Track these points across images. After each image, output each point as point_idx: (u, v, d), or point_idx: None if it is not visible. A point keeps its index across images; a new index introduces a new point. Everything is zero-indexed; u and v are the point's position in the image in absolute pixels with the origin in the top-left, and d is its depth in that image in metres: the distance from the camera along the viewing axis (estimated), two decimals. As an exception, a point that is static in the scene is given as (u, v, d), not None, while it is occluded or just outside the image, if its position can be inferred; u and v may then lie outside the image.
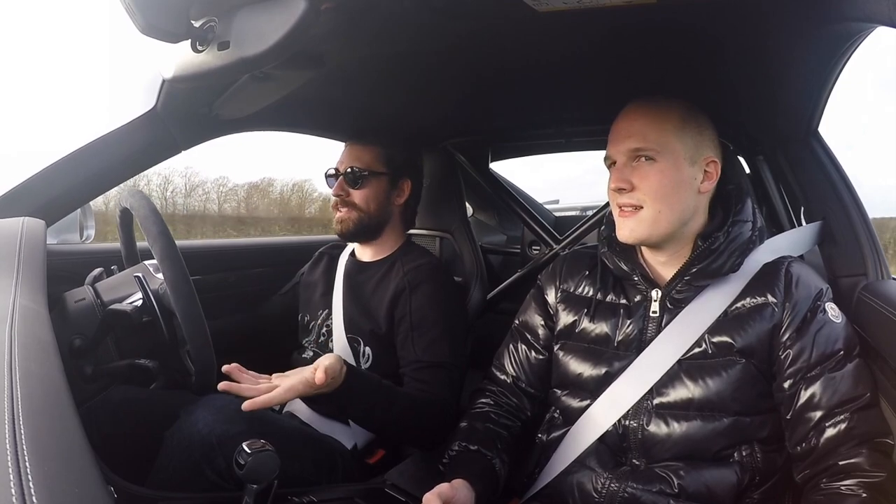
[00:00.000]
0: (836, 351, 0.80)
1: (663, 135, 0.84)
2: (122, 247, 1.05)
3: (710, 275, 0.86)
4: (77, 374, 0.87)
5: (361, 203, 1.22)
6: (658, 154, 0.84)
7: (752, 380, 0.82)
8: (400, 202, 1.26)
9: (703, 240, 0.86)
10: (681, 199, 0.85)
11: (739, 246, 0.86)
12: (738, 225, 0.87)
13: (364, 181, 1.22)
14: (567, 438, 0.91)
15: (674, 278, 0.88)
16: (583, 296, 0.96)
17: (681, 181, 0.85)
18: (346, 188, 1.22)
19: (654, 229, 0.85)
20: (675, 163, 0.84)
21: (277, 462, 0.65)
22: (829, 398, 0.78)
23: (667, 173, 0.84)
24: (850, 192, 1.04)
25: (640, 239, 0.87)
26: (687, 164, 0.85)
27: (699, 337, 0.84)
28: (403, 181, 1.26)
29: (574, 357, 0.93)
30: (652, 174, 0.84)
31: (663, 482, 0.82)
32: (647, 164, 0.84)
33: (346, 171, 1.22)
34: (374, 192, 1.22)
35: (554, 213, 2.07)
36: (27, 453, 0.36)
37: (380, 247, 1.28)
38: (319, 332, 1.26)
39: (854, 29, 0.77)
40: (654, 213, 0.84)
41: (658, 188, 0.84)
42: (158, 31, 0.73)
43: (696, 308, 0.86)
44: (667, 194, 0.84)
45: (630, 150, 0.85)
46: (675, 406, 0.83)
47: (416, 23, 0.79)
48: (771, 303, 0.83)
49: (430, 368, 1.12)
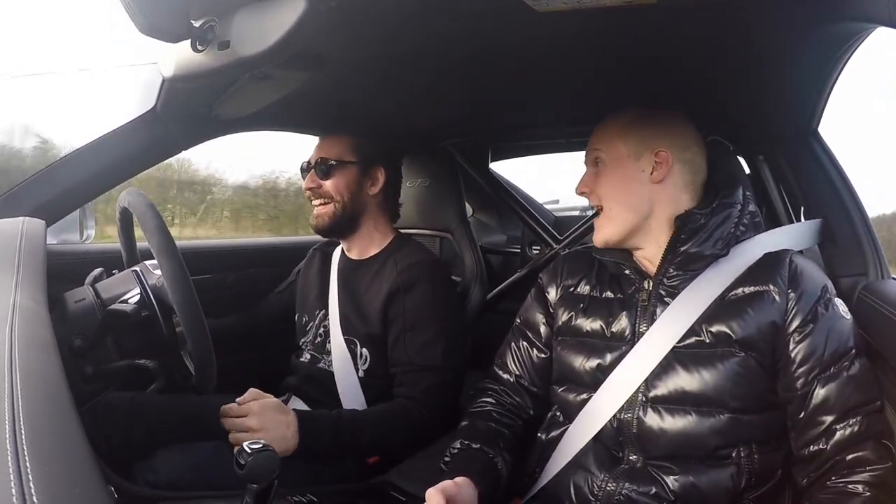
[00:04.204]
0: (849, 349, 0.79)
1: (608, 139, 0.92)
2: (122, 249, 1.05)
3: (696, 258, 0.85)
4: (77, 375, 0.87)
5: (334, 193, 1.20)
6: (604, 157, 0.92)
7: (751, 375, 0.80)
8: (375, 191, 1.24)
9: (681, 219, 0.87)
10: (631, 193, 0.89)
11: (726, 228, 0.86)
12: (724, 207, 0.87)
13: (333, 170, 1.21)
14: (566, 436, 0.91)
15: (661, 264, 0.88)
16: (580, 293, 0.97)
17: (625, 176, 0.90)
18: (317, 180, 1.21)
19: (615, 226, 0.90)
20: (618, 161, 0.91)
21: (278, 462, 0.64)
22: (843, 401, 0.76)
23: (612, 172, 0.91)
24: (850, 192, 1.04)
25: (608, 239, 0.91)
26: (631, 161, 0.90)
27: (694, 325, 0.83)
28: (376, 169, 1.24)
29: (569, 351, 0.93)
30: (601, 175, 0.92)
31: (658, 484, 0.81)
32: (596, 169, 0.93)
33: (316, 162, 1.22)
34: (344, 181, 1.21)
35: (554, 213, 2.07)
36: (27, 453, 0.36)
37: (364, 242, 1.26)
38: (316, 334, 1.25)
39: (854, 29, 0.77)
40: (608, 210, 0.91)
41: (606, 186, 0.91)
42: (158, 31, 0.73)
43: (688, 295, 0.85)
44: (615, 191, 0.90)
45: (591, 159, 0.94)
46: (669, 399, 0.82)
47: (416, 23, 0.79)
48: (772, 291, 0.81)
49: (420, 372, 1.11)
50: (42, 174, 1.08)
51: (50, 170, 1.08)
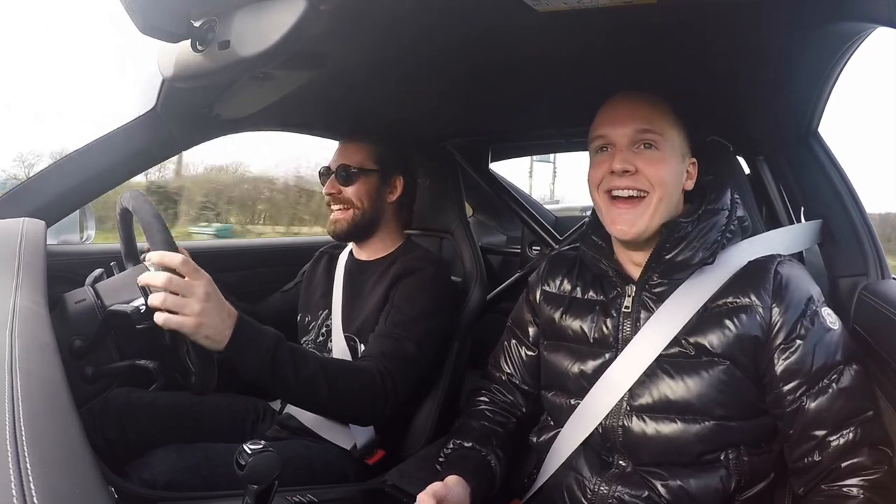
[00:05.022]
0: (836, 363, 0.76)
1: (665, 124, 0.83)
2: (121, 244, 1.05)
3: (681, 266, 0.82)
4: (77, 375, 0.87)
5: (355, 200, 1.22)
6: (661, 142, 0.82)
7: (737, 383, 0.78)
8: (392, 199, 1.26)
9: (667, 228, 0.83)
10: (675, 192, 0.85)
11: (712, 235, 0.82)
12: (711, 213, 0.83)
13: (355, 178, 1.22)
14: (557, 441, 0.90)
15: (644, 271, 0.85)
16: (561, 294, 0.96)
17: (677, 173, 0.84)
18: (338, 186, 1.23)
19: (651, 222, 0.82)
20: (673, 154, 0.84)
21: (279, 462, 0.64)
22: (835, 414, 0.74)
23: (670, 163, 0.82)
24: (850, 192, 1.03)
25: (638, 234, 0.82)
26: (679, 159, 0.85)
27: (677, 334, 0.81)
28: (395, 178, 1.27)
29: (554, 355, 0.93)
30: (657, 161, 0.82)
31: (649, 487, 0.81)
32: (647, 151, 0.82)
33: (337, 168, 1.23)
34: (365, 189, 1.23)
35: (554, 213, 2.07)
36: (28, 454, 0.36)
37: (376, 246, 1.28)
38: (318, 332, 1.25)
39: (854, 29, 0.77)
40: (655, 202, 0.82)
41: (664, 176, 0.81)
42: (159, 31, 0.73)
43: (672, 304, 0.83)
44: (668, 184, 0.82)
45: (637, 131, 0.82)
46: (653, 407, 0.81)
47: (416, 23, 0.79)
48: (756, 305, 0.78)
49: (389, 338, 1.07)
50: (42, 174, 1.07)
51: (50, 170, 1.08)
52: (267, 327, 0.90)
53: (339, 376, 0.97)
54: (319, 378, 0.93)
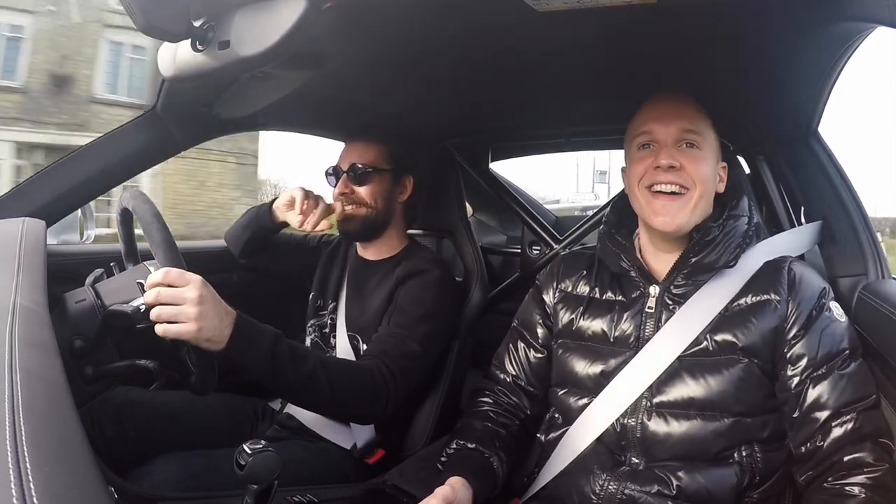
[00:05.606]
0: (841, 350, 0.80)
1: (704, 126, 0.87)
2: (121, 244, 1.05)
3: (706, 268, 0.85)
4: (77, 375, 0.87)
5: (369, 200, 1.20)
6: (702, 142, 0.86)
7: (755, 380, 0.81)
8: (403, 199, 1.26)
9: (698, 231, 0.86)
10: (712, 192, 0.88)
11: (735, 240, 0.86)
12: (734, 219, 0.88)
13: (368, 178, 1.20)
14: (566, 438, 0.91)
15: (671, 272, 0.88)
16: (579, 294, 0.97)
17: (714, 174, 0.88)
18: (351, 185, 1.21)
19: (691, 217, 0.85)
20: (712, 155, 0.87)
21: (279, 462, 0.64)
22: (836, 398, 0.78)
23: (709, 163, 0.87)
24: (850, 192, 1.04)
25: (680, 226, 0.85)
26: (715, 161, 0.89)
27: (700, 334, 0.84)
28: (406, 178, 1.26)
29: (572, 355, 0.93)
30: (699, 160, 0.85)
31: (662, 483, 0.81)
32: (690, 150, 0.86)
33: (349, 168, 1.21)
34: (379, 189, 1.21)
35: (554, 213, 2.07)
36: (28, 454, 0.36)
37: (383, 246, 1.27)
38: (324, 322, 1.25)
39: (854, 29, 0.77)
40: (696, 198, 0.85)
41: (705, 174, 0.85)
42: (159, 31, 0.73)
43: (694, 304, 0.86)
44: (708, 182, 0.86)
45: (682, 130, 0.86)
46: (675, 405, 0.83)
47: (416, 23, 0.79)
48: (774, 300, 0.83)
49: (392, 338, 1.08)
50: (42, 174, 1.08)
51: (50, 170, 1.08)
52: (266, 325, 0.90)
53: (340, 374, 0.97)
54: (320, 375, 0.92)
